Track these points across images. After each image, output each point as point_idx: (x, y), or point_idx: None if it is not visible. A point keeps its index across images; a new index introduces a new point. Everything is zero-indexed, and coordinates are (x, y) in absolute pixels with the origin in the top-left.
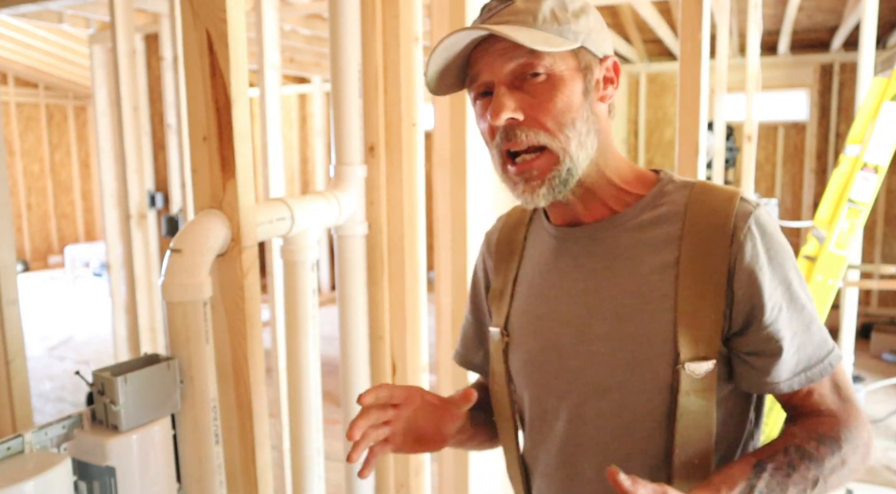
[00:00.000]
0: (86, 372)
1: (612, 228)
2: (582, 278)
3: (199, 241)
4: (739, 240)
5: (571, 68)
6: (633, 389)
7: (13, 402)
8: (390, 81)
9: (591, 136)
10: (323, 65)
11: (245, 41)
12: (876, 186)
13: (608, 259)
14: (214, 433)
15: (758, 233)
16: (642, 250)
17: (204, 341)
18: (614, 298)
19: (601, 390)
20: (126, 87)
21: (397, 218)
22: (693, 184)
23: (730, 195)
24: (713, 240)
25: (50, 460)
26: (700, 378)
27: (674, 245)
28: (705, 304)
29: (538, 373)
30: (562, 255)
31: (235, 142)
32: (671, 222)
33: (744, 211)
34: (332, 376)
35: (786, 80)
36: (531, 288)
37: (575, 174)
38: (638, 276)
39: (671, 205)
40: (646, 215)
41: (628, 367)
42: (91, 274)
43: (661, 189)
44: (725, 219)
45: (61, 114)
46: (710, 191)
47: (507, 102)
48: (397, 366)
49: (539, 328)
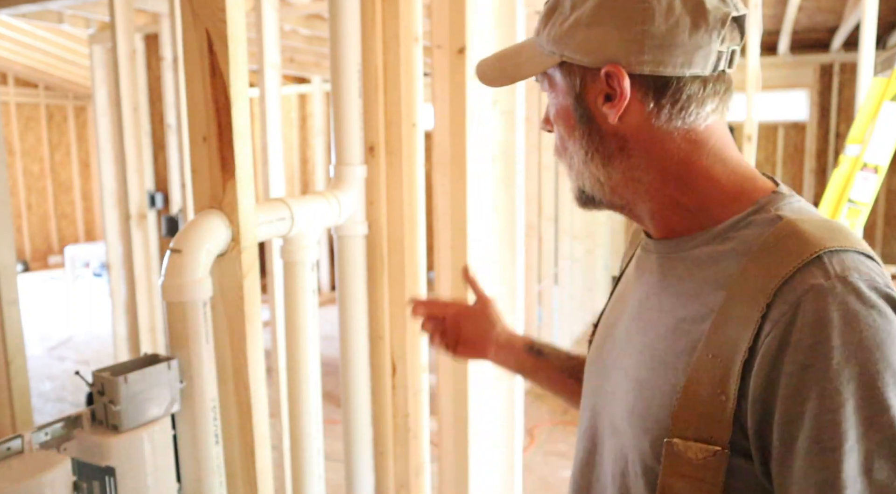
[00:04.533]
0: (86, 372)
1: (673, 251)
2: (637, 297)
3: (199, 241)
4: (774, 316)
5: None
6: (629, 442)
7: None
8: (390, 81)
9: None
10: (323, 65)
11: (245, 41)
12: (876, 186)
13: (660, 285)
14: (214, 433)
15: (808, 321)
16: (689, 288)
17: (204, 341)
18: (647, 333)
19: (612, 428)
20: (126, 87)
21: (397, 218)
22: (782, 220)
23: (807, 248)
24: (751, 303)
25: (50, 460)
26: (698, 462)
27: (721, 293)
28: (717, 379)
29: (587, 383)
30: (637, 266)
31: (235, 142)
32: (730, 263)
33: (807, 278)
34: (332, 376)
35: (786, 80)
36: (619, 292)
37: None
38: (673, 318)
39: (740, 243)
40: (710, 247)
41: (629, 416)
42: (91, 275)
43: (745, 217)
44: (773, 281)
45: (61, 114)
46: (790, 236)
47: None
48: (397, 366)
49: (603, 336)
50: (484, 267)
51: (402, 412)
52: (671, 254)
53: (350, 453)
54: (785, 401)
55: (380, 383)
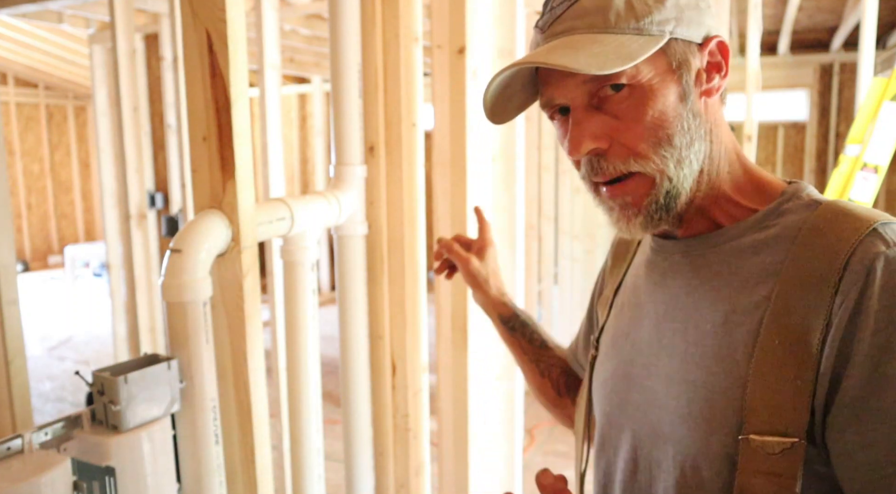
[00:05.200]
0: (86, 372)
1: (706, 247)
2: (663, 301)
3: (199, 241)
4: (846, 288)
5: (661, 71)
6: (689, 448)
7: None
8: (390, 81)
9: (697, 145)
10: (323, 65)
11: (245, 41)
12: (876, 186)
13: (693, 284)
14: (214, 433)
15: (878, 286)
16: (732, 281)
17: (204, 341)
18: (687, 333)
19: (658, 437)
20: (126, 87)
21: (397, 218)
22: (820, 204)
23: (861, 223)
24: (816, 282)
25: (50, 460)
26: (774, 457)
27: (770, 281)
28: (790, 364)
29: (607, 399)
30: (653, 270)
31: (235, 142)
32: (775, 250)
33: (869, 249)
34: (332, 376)
35: (786, 80)
36: (624, 302)
37: (677, 196)
38: (719, 313)
39: (782, 229)
40: (748, 237)
41: (685, 420)
42: (91, 274)
43: (778, 205)
44: (838, 256)
45: (61, 114)
46: (838, 216)
47: (586, 131)
48: (397, 366)
49: (619, 348)
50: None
51: (402, 412)
52: (704, 251)
53: (350, 453)
54: (862, 367)
55: (380, 383)
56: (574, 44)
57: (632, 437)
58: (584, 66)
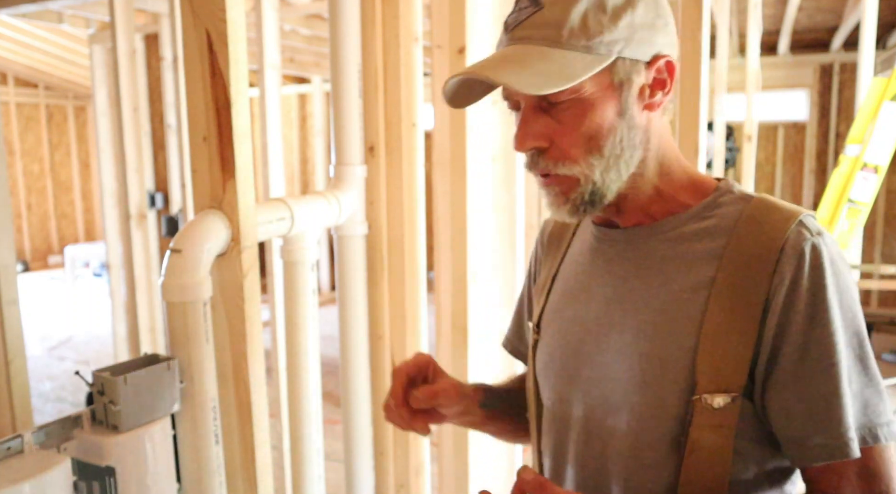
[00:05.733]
0: (86, 372)
1: (650, 236)
2: (611, 284)
3: (199, 241)
4: (783, 268)
5: (603, 87)
6: (642, 412)
7: (13, 402)
8: (390, 81)
9: (629, 153)
10: (323, 65)
11: (245, 41)
12: (876, 186)
13: (641, 268)
14: (214, 433)
15: (808, 266)
16: (678, 264)
17: (204, 341)
18: (638, 311)
19: (611, 407)
20: (126, 87)
21: (397, 218)
22: (752, 198)
23: (789, 215)
24: (756, 264)
25: (50, 460)
26: (718, 411)
27: (713, 263)
28: (734, 333)
29: (555, 377)
30: (597, 257)
31: (235, 142)
32: (716, 238)
33: (798, 236)
34: (332, 376)
35: (786, 80)
36: (566, 287)
37: (603, 195)
38: (667, 292)
39: (720, 219)
40: (689, 227)
41: (639, 388)
42: (91, 274)
43: (714, 200)
44: (773, 243)
45: (61, 114)
46: (769, 208)
47: (531, 130)
48: None
49: (564, 329)
50: (484, 267)
51: None
52: (650, 239)
53: (350, 453)
54: (797, 334)
55: (380, 383)
56: (524, 58)
57: (584, 409)
58: (525, 86)
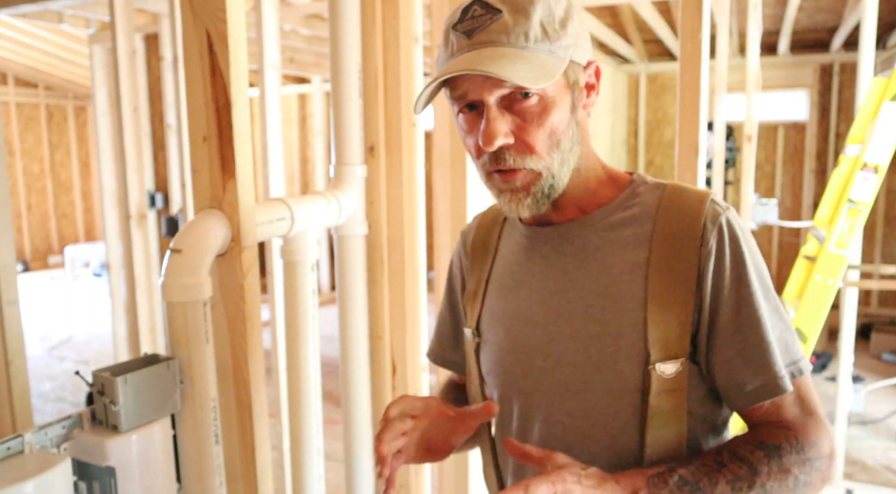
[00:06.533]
0: (86, 372)
1: (582, 229)
2: (552, 278)
3: (199, 241)
4: (708, 242)
5: (561, 87)
6: (601, 389)
7: (13, 402)
8: (390, 81)
9: (575, 148)
10: (323, 65)
11: (245, 41)
12: (876, 186)
13: (578, 259)
14: (214, 433)
15: (727, 236)
16: (612, 250)
17: (204, 341)
18: (583, 298)
19: (569, 391)
20: (126, 87)
21: (397, 218)
22: (665, 186)
23: (701, 196)
24: (683, 241)
25: (50, 460)
26: (670, 377)
27: (644, 245)
28: (675, 305)
29: (506, 374)
30: (533, 255)
31: (235, 142)
32: (642, 223)
33: (714, 213)
34: (332, 376)
35: (786, 80)
36: (502, 288)
37: (557, 187)
38: (607, 276)
39: (642, 206)
40: (616, 216)
41: (596, 368)
42: (91, 274)
43: (633, 190)
44: (695, 221)
45: (61, 114)
46: (682, 193)
47: (500, 128)
48: (397, 366)
49: (508, 327)
50: None
51: None
52: (582, 231)
53: (350, 453)
54: (729, 297)
55: (380, 383)
56: (506, 56)
57: (541, 397)
58: (523, 80)
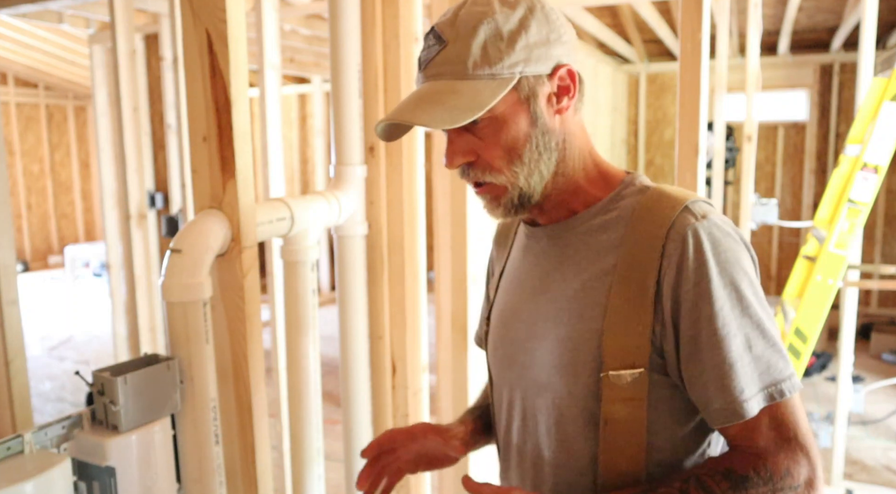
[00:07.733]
0: (86, 372)
1: (565, 231)
2: (537, 277)
3: (199, 241)
4: (669, 253)
5: (512, 104)
6: (562, 392)
7: (13, 402)
8: (390, 81)
9: (547, 155)
10: (323, 65)
11: (245, 41)
12: (876, 186)
13: (558, 261)
14: (214, 433)
15: (691, 248)
16: (588, 255)
17: (204, 341)
18: (556, 301)
19: (540, 388)
20: (126, 87)
21: (397, 218)
22: (648, 189)
23: (676, 202)
24: (646, 251)
25: (50, 460)
26: (627, 385)
27: (615, 252)
28: (634, 314)
29: (498, 365)
30: (528, 253)
31: (235, 142)
32: (616, 228)
33: (682, 222)
34: (332, 376)
35: (786, 80)
36: (507, 283)
37: (530, 196)
38: (579, 281)
39: (621, 210)
40: (597, 219)
41: (557, 370)
42: (91, 274)
43: (618, 192)
44: (660, 230)
45: (61, 114)
46: (660, 198)
47: (458, 149)
48: (397, 366)
49: (504, 320)
50: (484, 267)
51: (402, 412)
52: (565, 234)
53: (350, 453)
54: (689, 313)
55: (380, 383)
56: (436, 95)
57: (521, 391)
58: (438, 123)
